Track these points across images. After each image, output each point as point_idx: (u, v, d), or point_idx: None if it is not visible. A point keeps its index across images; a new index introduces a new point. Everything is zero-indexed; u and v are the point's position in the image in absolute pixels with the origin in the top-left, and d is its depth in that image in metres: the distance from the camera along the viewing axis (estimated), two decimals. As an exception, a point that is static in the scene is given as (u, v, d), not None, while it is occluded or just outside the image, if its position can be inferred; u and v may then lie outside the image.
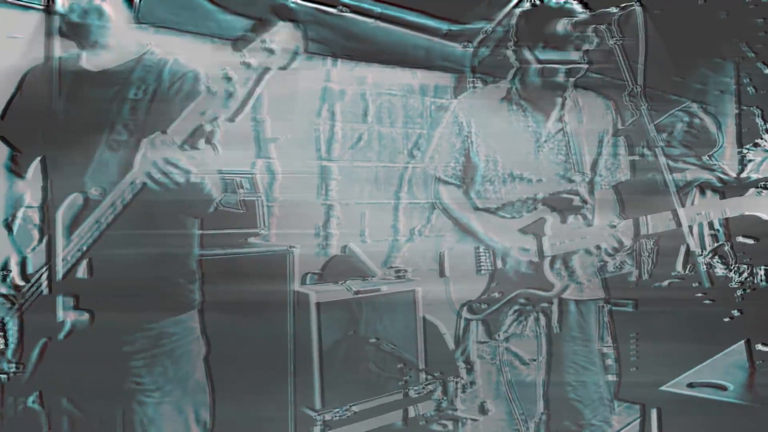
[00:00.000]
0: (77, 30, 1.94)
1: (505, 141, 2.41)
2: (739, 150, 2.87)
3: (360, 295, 2.58)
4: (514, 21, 2.46)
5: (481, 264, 2.40)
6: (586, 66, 2.45)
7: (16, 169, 2.00)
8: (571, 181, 2.40)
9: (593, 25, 2.41)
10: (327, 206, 2.80)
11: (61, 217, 1.88)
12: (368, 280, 2.70)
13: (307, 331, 2.44)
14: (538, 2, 2.55)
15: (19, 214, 1.99)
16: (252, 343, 2.28)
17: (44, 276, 1.88)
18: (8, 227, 1.97)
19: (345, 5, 2.64)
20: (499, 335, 2.38)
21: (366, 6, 2.69)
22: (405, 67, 2.90)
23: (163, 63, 2.01)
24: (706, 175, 3.07)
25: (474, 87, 2.89)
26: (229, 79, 1.76)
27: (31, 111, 1.97)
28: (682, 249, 2.80)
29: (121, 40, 1.99)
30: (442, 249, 2.48)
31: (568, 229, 2.35)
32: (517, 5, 2.95)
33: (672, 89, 3.56)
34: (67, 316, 1.87)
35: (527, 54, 2.43)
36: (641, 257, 2.98)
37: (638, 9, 2.41)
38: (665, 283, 2.95)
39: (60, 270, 1.86)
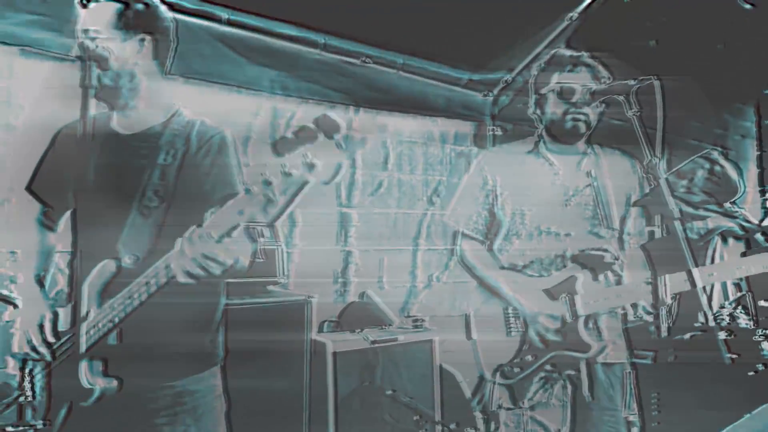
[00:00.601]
0: (109, 92, 1.99)
1: (533, 195, 2.37)
2: (762, 188, 2.85)
3: (377, 345, 2.57)
4: (532, 80, 2.46)
5: (511, 326, 2.32)
6: (600, 110, 2.44)
7: (47, 223, 2.04)
8: (599, 236, 2.35)
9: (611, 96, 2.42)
10: (346, 253, 2.82)
11: (89, 284, 1.91)
12: (385, 328, 2.69)
13: (324, 380, 2.43)
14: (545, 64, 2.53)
15: (51, 265, 2.03)
16: (268, 393, 2.28)
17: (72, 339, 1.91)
18: (40, 282, 2.01)
19: (368, 56, 2.69)
20: (523, 403, 2.29)
21: (389, 57, 2.74)
22: (426, 115, 2.94)
23: (190, 125, 2.05)
24: (728, 223, 3.04)
25: (494, 134, 2.90)
26: (268, 183, 1.78)
27: (63, 168, 2.02)
28: (704, 299, 2.76)
29: (150, 103, 2.03)
30: (468, 311, 2.41)
31: (600, 287, 2.29)
32: (536, 57, 2.99)
33: (692, 135, 3.56)
34: (96, 382, 1.89)
35: (545, 106, 2.43)
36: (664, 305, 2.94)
37: (656, 83, 2.42)
38: (687, 336, 2.91)
39: (85, 340, 1.88)
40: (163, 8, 2.02)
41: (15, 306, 1.98)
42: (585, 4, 2.73)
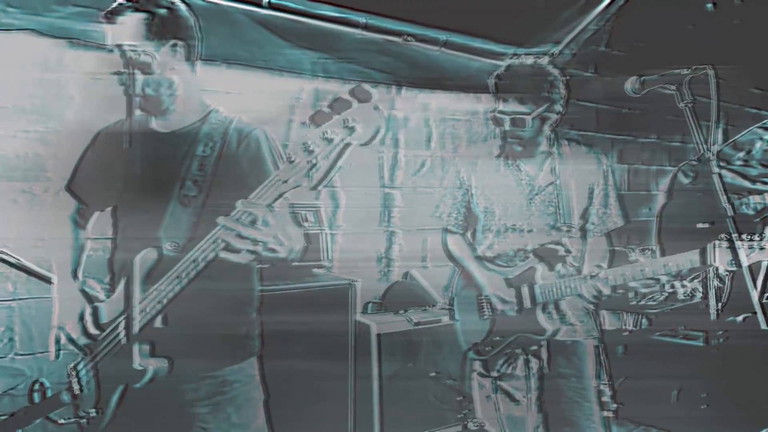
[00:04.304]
0: (151, 102, 2.02)
1: (501, 194, 2.54)
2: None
3: (420, 327, 2.59)
4: (492, 81, 2.53)
5: (483, 309, 2.53)
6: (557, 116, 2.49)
7: (80, 221, 2.10)
8: (558, 230, 2.54)
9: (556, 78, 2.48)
10: (389, 233, 2.83)
11: (138, 267, 1.96)
12: (429, 309, 2.71)
13: (368, 361, 2.48)
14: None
15: (83, 257, 2.10)
16: (313, 376, 2.34)
17: (121, 326, 1.97)
18: (75, 275, 2.08)
19: (410, 35, 2.65)
20: (492, 373, 2.55)
21: (431, 34, 2.69)
22: (469, 91, 2.89)
23: (228, 121, 2.07)
24: (787, 198, 2.95)
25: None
26: (310, 151, 1.81)
27: (102, 167, 2.07)
28: (760, 276, 2.69)
29: (187, 105, 2.06)
30: (453, 293, 2.62)
31: (555, 277, 2.50)
32: (584, 29, 2.90)
33: (750, 102, 3.41)
34: (147, 363, 1.96)
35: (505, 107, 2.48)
36: (711, 284, 2.88)
37: (711, 72, 2.32)
38: (740, 318, 2.84)
39: (138, 322, 1.95)
40: (183, 7, 2.03)
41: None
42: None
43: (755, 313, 2.57)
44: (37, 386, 2.04)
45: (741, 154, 3.42)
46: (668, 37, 2.91)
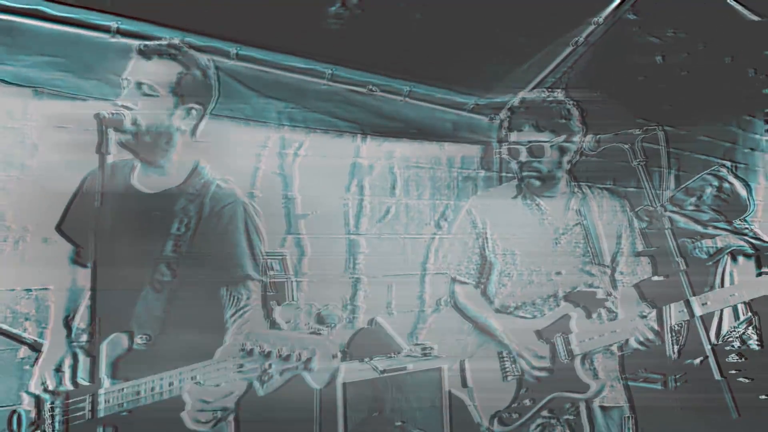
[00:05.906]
0: (144, 148, 2.03)
1: (522, 235, 2.38)
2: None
3: (386, 375, 2.58)
4: (505, 114, 2.49)
5: (507, 370, 2.31)
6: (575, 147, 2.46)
7: (80, 261, 2.07)
8: (591, 274, 2.36)
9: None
10: (354, 280, 2.84)
11: (105, 351, 1.94)
12: (394, 357, 2.70)
13: (333, 411, 2.45)
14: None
15: (80, 307, 2.07)
16: (278, 426, 2.30)
17: (87, 401, 1.93)
18: (67, 326, 2.04)
19: (374, 85, 2.71)
20: None
21: (395, 85, 2.76)
22: (432, 140, 2.96)
23: (206, 187, 2.07)
24: (737, 242, 3.04)
25: (500, 157, 2.92)
26: (266, 355, 1.89)
27: (88, 214, 2.05)
28: (715, 319, 2.76)
29: (178, 167, 2.07)
30: (463, 357, 2.41)
31: (595, 324, 2.29)
32: (543, 80, 3.00)
33: (700, 150, 3.55)
34: None
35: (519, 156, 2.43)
36: (670, 329, 2.95)
37: (661, 133, 2.43)
38: (697, 360, 2.90)
39: (102, 408, 1.92)
40: (214, 73, 2.05)
41: (30, 346, 2.01)
42: (589, 30, 2.75)
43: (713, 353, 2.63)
44: (15, 417, 1.97)
45: (693, 200, 3.54)
46: (621, 87, 3.03)
